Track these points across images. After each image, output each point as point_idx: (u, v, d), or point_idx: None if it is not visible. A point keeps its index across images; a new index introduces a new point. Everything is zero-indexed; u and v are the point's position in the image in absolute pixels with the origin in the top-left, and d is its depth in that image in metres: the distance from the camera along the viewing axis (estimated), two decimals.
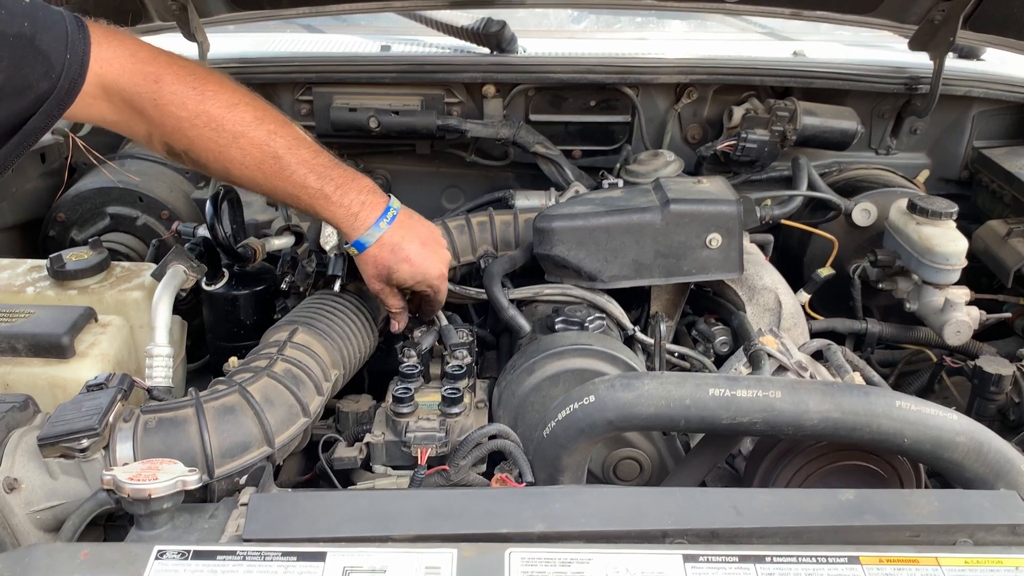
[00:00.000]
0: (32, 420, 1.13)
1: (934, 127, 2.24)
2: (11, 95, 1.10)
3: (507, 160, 2.23)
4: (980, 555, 0.86)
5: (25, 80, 1.11)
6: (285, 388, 1.24)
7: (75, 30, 1.16)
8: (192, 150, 1.27)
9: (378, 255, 1.38)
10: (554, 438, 1.13)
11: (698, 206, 1.56)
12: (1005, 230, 1.94)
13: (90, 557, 0.82)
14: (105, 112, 1.24)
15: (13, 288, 1.64)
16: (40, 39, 1.11)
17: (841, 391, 1.10)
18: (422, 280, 1.42)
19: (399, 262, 1.38)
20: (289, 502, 0.96)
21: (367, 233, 1.36)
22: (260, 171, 1.29)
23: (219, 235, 1.58)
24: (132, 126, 1.27)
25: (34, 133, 1.16)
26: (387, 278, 1.41)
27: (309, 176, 1.31)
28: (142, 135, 1.29)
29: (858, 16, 2.03)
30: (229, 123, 1.26)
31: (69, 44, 1.15)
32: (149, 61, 1.24)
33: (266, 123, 1.29)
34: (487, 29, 2.19)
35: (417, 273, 1.41)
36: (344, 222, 1.35)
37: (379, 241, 1.37)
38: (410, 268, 1.39)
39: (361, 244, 1.37)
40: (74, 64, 1.15)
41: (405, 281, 1.41)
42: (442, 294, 1.48)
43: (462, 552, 0.83)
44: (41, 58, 1.12)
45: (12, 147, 1.16)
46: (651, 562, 0.84)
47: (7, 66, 1.08)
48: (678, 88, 2.19)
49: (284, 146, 1.30)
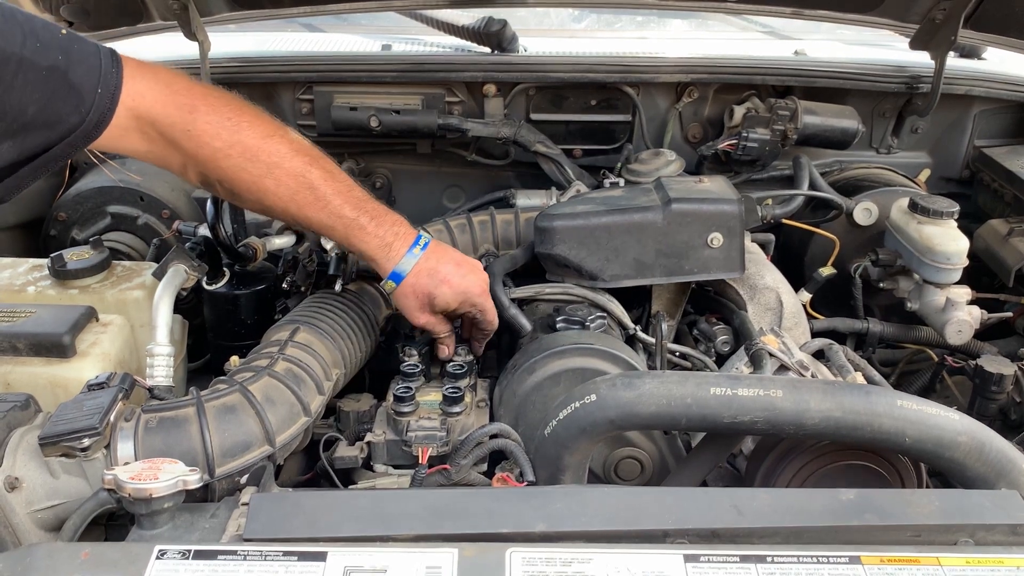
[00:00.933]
0: (33, 419, 1.14)
1: (935, 126, 2.24)
2: (41, 127, 1.11)
3: (508, 159, 2.23)
4: (981, 555, 0.86)
5: (56, 114, 1.11)
6: (286, 387, 1.24)
7: (108, 64, 1.16)
8: (226, 180, 1.28)
9: (416, 283, 1.37)
10: (555, 437, 1.13)
11: (699, 205, 1.56)
12: (1006, 229, 1.94)
13: (91, 557, 0.82)
14: (137, 144, 1.24)
15: (14, 287, 1.64)
16: (73, 73, 1.11)
17: (842, 390, 1.10)
18: (464, 299, 1.40)
19: (438, 284, 1.37)
20: (290, 502, 0.96)
21: (402, 262, 1.36)
22: (294, 202, 1.29)
23: (220, 234, 1.58)
24: (166, 157, 1.27)
25: (54, 161, 1.16)
26: (430, 305, 1.39)
27: (344, 207, 1.32)
28: (176, 166, 1.29)
29: (859, 15, 2.03)
30: (264, 154, 1.27)
31: (101, 79, 1.15)
32: (184, 92, 1.24)
33: (301, 155, 1.30)
34: (488, 28, 2.19)
35: (458, 293, 1.39)
36: (379, 252, 1.35)
37: (415, 269, 1.36)
38: (450, 289, 1.38)
39: (398, 275, 1.36)
40: (104, 99, 1.15)
41: (449, 304, 1.39)
42: (490, 313, 1.45)
43: (463, 552, 0.83)
44: (73, 92, 1.12)
45: (31, 170, 1.16)
46: (652, 562, 0.84)
47: (39, 99, 1.08)
48: (679, 87, 2.19)
49: (319, 177, 1.31)
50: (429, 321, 1.42)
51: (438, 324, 1.44)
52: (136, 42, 2.12)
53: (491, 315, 1.46)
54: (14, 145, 1.10)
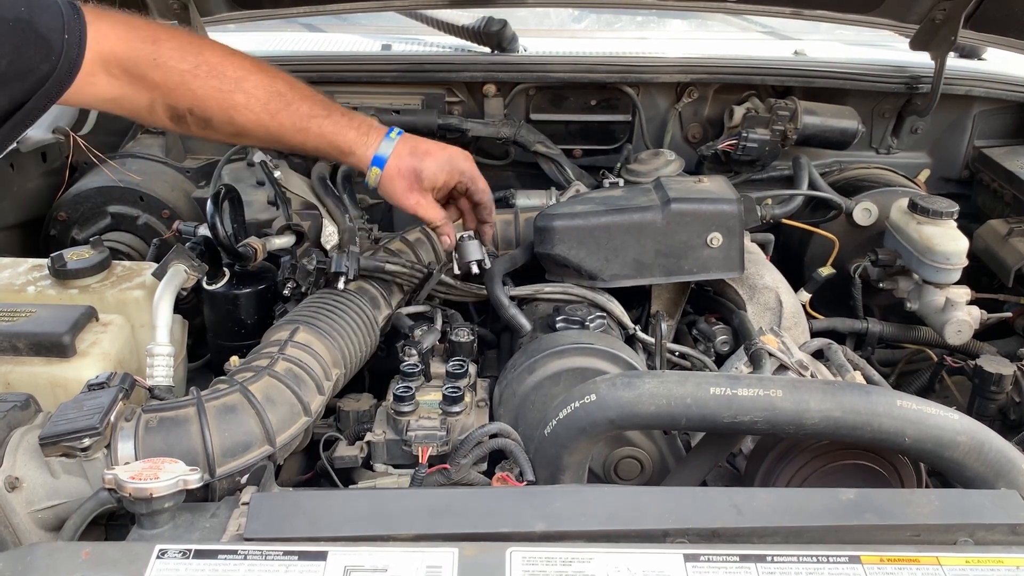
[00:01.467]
0: (33, 419, 1.13)
1: (935, 126, 2.24)
2: (13, 79, 1.11)
3: (508, 159, 2.23)
4: (981, 554, 0.87)
5: (27, 64, 1.12)
6: (286, 387, 1.24)
7: (69, 11, 1.17)
8: (197, 105, 1.29)
9: (400, 163, 1.38)
10: (555, 437, 1.13)
11: (699, 205, 1.56)
12: (1006, 229, 1.94)
13: (91, 556, 0.82)
14: (104, 88, 1.24)
15: (14, 287, 1.64)
16: (38, 22, 1.12)
17: (842, 390, 1.10)
18: (451, 167, 1.42)
19: (422, 158, 1.39)
20: (290, 501, 0.96)
21: (382, 146, 1.38)
22: (266, 111, 1.32)
23: (220, 234, 1.58)
24: (132, 97, 1.27)
25: (32, 114, 1.16)
26: (418, 181, 1.40)
27: (316, 107, 1.35)
28: (143, 104, 1.29)
29: (859, 15, 2.03)
30: (230, 69, 1.29)
31: (66, 25, 1.16)
32: (143, 27, 1.26)
33: (263, 67, 1.34)
34: (488, 28, 2.19)
35: (443, 163, 1.41)
36: (357, 141, 1.37)
37: (396, 150, 1.38)
38: (434, 161, 1.40)
39: (380, 159, 1.38)
40: (72, 44, 1.16)
41: (436, 176, 1.41)
42: (480, 181, 1.46)
43: (463, 551, 0.83)
44: (41, 41, 1.13)
45: (9, 128, 1.16)
46: (652, 561, 0.84)
47: (9, 51, 1.09)
48: (679, 87, 2.19)
49: (286, 84, 1.34)
50: (420, 202, 1.42)
51: (430, 208, 1.43)
52: None
53: (482, 183, 1.47)
54: None
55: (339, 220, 1.77)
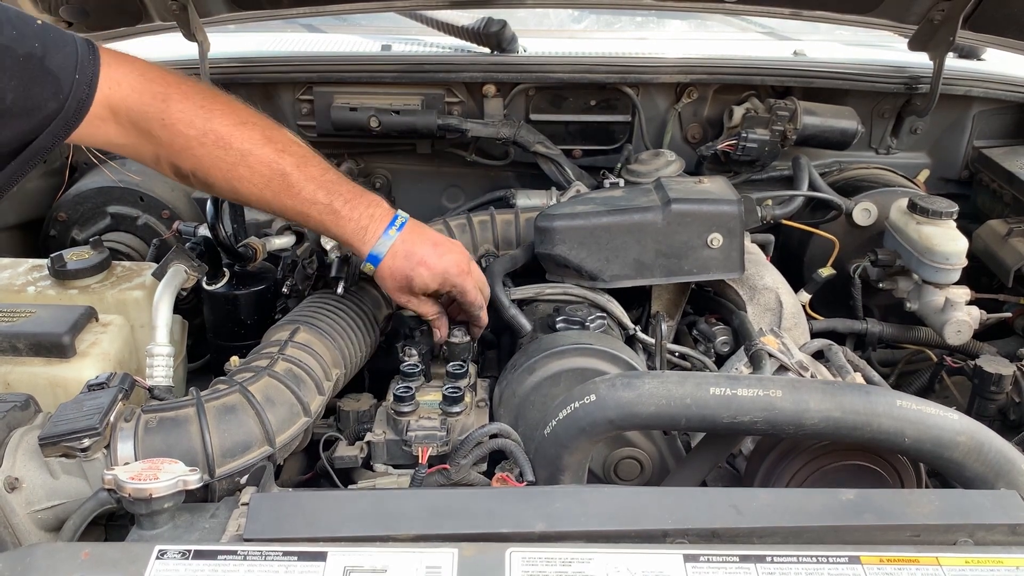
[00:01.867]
0: (33, 419, 1.14)
1: (934, 127, 2.24)
2: (19, 115, 1.10)
3: (507, 160, 2.23)
4: (980, 555, 0.87)
5: (34, 101, 1.11)
6: (286, 387, 1.25)
7: (85, 52, 1.16)
8: (200, 170, 1.27)
9: (393, 265, 1.36)
10: (555, 437, 1.13)
11: (699, 206, 1.56)
12: (1005, 230, 1.94)
13: (91, 557, 0.82)
14: (112, 134, 1.23)
15: (14, 287, 1.64)
16: (50, 60, 1.11)
17: (842, 390, 1.10)
18: (443, 280, 1.40)
19: (415, 267, 1.37)
20: (290, 502, 0.96)
21: (378, 243, 1.35)
22: (269, 189, 1.29)
23: (220, 234, 1.58)
24: (139, 148, 1.26)
25: (38, 153, 1.16)
26: (408, 287, 1.39)
27: (318, 192, 1.31)
28: (149, 157, 1.28)
29: (858, 16, 2.03)
30: (237, 141, 1.26)
31: (79, 65, 1.15)
32: (157, 81, 1.24)
33: (274, 141, 1.29)
34: (487, 29, 2.19)
35: (436, 275, 1.38)
36: (355, 236, 1.35)
37: (391, 251, 1.36)
38: (427, 271, 1.38)
39: (375, 257, 1.36)
40: (83, 85, 1.15)
41: (428, 285, 1.39)
42: (470, 293, 1.43)
43: (463, 552, 0.83)
44: (51, 79, 1.12)
45: (17, 166, 1.16)
46: (652, 562, 0.84)
47: (16, 86, 1.08)
48: (678, 88, 2.19)
49: (292, 164, 1.30)
50: (411, 302, 1.42)
51: (422, 305, 1.43)
52: (135, 42, 2.12)
53: (471, 295, 1.44)
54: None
55: None
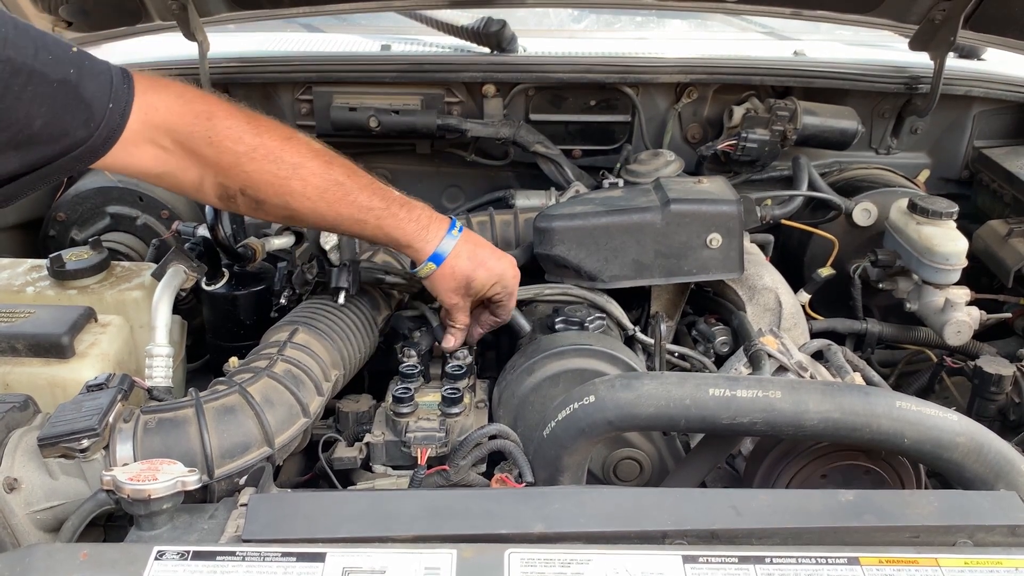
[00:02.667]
0: (32, 420, 1.14)
1: (934, 127, 2.24)
2: (47, 141, 1.08)
3: (507, 160, 2.23)
4: (980, 556, 0.86)
5: (63, 127, 1.09)
6: (285, 388, 1.24)
7: (119, 80, 1.14)
8: (250, 187, 1.25)
9: (456, 264, 1.37)
10: (554, 438, 1.13)
11: (699, 206, 1.56)
12: (1005, 230, 1.93)
13: (90, 557, 0.82)
14: (150, 161, 1.21)
15: (13, 288, 1.64)
16: (84, 88, 1.09)
17: (841, 391, 1.10)
18: (499, 282, 1.41)
19: (477, 267, 1.38)
20: (289, 502, 0.96)
21: (443, 243, 1.36)
22: (323, 200, 1.28)
23: (219, 235, 1.58)
24: (181, 171, 1.23)
25: (57, 173, 1.14)
26: (466, 288, 1.39)
27: (374, 199, 1.31)
28: (192, 180, 1.25)
29: (859, 16, 2.03)
30: (288, 154, 1.25)
31: (113, 94, 1.13)
32: (198, 100, 1.22)
33: (322, 155, 1.30)
34: (487, 28, 2.19)
35: (494, 276, 1.40)
36: (416, 236, 1.35)
37: (455, 251, 1.36)
38: (487, 273, 1.39)
39: (439, 256, 1.36)
40: (115, 114, 1.13)
41: (484, 287, 1.40)
42: (513, 300, 1.47)
43: (462, 553, 0.83)
44: (83, 107, 1.10)
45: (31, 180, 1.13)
46: (651, 563, 0.84)
47: (46, 112, 1.06)
48: (678, 88, 2.19)
49: (344, 173, 1.30)
50: (459, 305, 1.42)
51: (463, 311, 1.43)
52: (135, 42, 2.12)
53: (512, 302, 1.47)
54: (18, 156, 1.08)
55: None
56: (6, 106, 1.03)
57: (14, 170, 1.09)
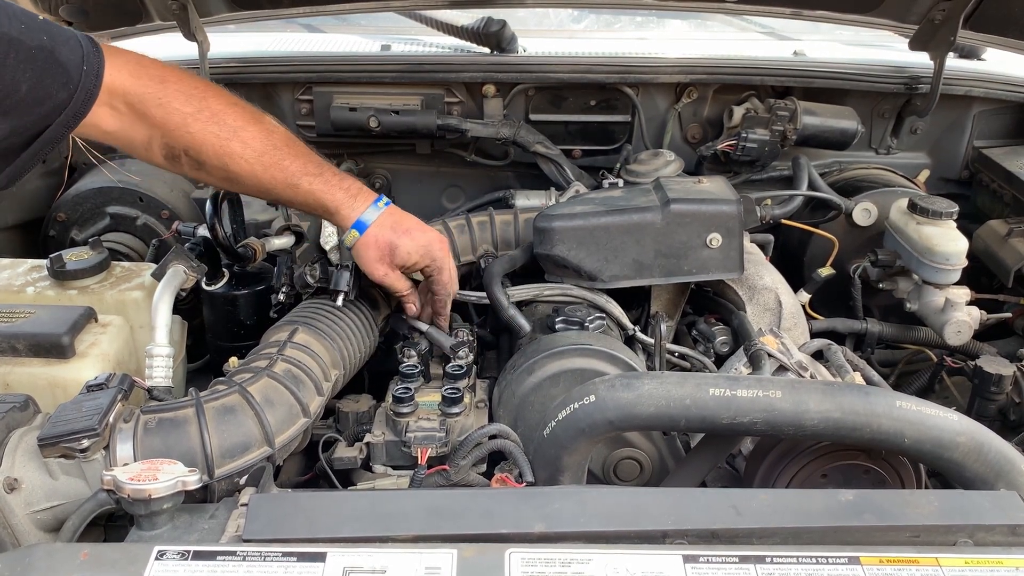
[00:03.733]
0: (32, 420, 1.13)
1: (934, 127, 2.24)
2: (31, 104, 1.14)
3: (507, 160, 2.23)
4: (980, 555, 0.86)
5: (45, 90, 1.15)
6: (285, 388, 1.24)
7: (88, 45, 1.21)
8: (193, 147, 1.31)
9: (379, 234, 1.40)
10: (554, 438, 1.13)
11: (699, 206, 1.56)
12: (1005, 230, 1.94)
13: (90, 557, 0.82)
14: (106, 121, 1.26)
15: (13, 288, 1.64)
16: (59, 52, 1.15)
17: (841, 391, 1.10)
18: (425, 252, 1.44)
19: (400, 235, 1.41)
20: (289, 502, 0.96)
21: (367, 212, 1.40)
22: (260, 162, 1.33)
23: (219, 235, 1.58)
24: (132, 132, 1.29)
25: (50, 143, 1.19)
26: (390, 256, 1.42)
27: (309, 165, 1.37)
28: (141, 140, 1.31)
29: (859, 16, 2.03)
30: (230, 117, 1.31)
31: (85, 57, 1.19)
32: (153, 66, 1.29)
33: (262, 122, 1.36)
34: (487, 29, 2.19)
35: (419, 246, 1.43)
36: (343, 203, 1.39)
37: (379, 220, 1.40)
38: (411, 241, 1.42)
39: (362, 223, 1.40)
40: (90, 75, 1.19)
41: (409, 255, 1.42)
42: (447, 272, 1.48)
43: (462, 552, 0.83)
44: (61, 70, 1.16)
45: (29, 156, 1.19)
46: (651, 562, 0.84)
47: (30, 77, 1.12)
48: (678, 88, 2.19)
49: (281, 140, 1.36)
50: (387, 275, 1.44)
51: (397, 280, 1.46)
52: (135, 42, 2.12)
53: (447, 275, 1.48)
54: (7, 122, 1.13)
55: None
56: None
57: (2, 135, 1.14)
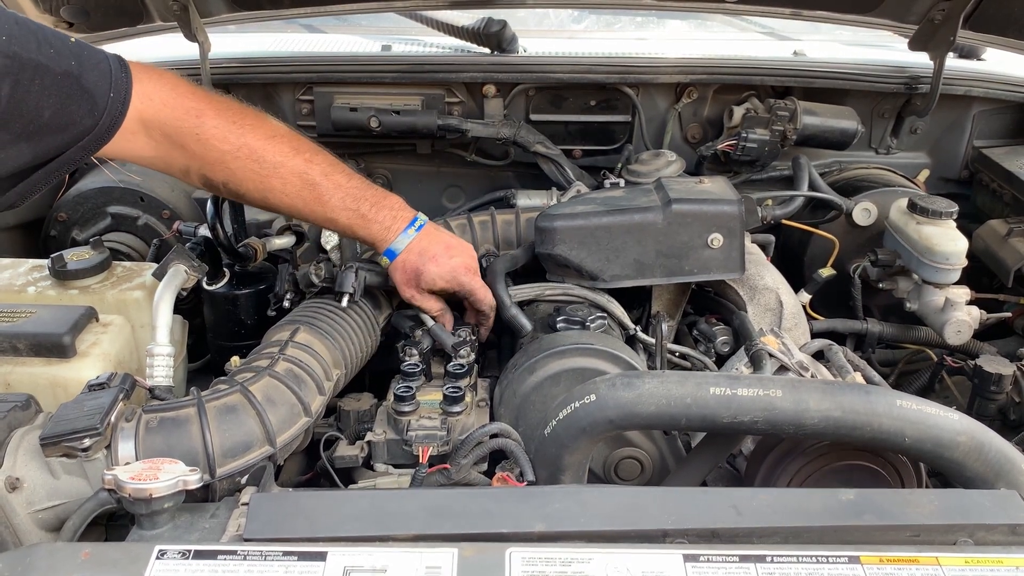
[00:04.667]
0: (34, 420, 1.14)
1: (934, 127, 2.24)
2: (55, 131, 1.14)
3: (508, 160, 2.23)
4: (980, 555, 0.87)
5: (70, 117, 1.15)
6: (287, 387, 1.25)
7: (118, 69, 1.21)
8: (232, 182, 1.34)
9: (406, 260, 1.46)
10: (555, 437, 1.13)
11: (700, 206, 1.56)
12: (1005, 229, 1.94)
13: (91, 557, 0.82)
14: (142, 148, 1.28)
15: (14, 288, 1.64)
16: (86, 78, 1.16)
17: (842, 390, 1.10)
18: (452, 278, 1.47)
19: (426, 262, 1.46)
20: (290, 501, 0.96)
21: (397, 241, 1.45)
22: (300, 198, 1.37)
23: (220, 235, 1.58)
24: (170, 161, 1.32)
25: (68, 164, 1.20)
26: (417, 281, 1.47)
27: (346, 199, 1.41)
28: (179, 168, 1.34)
29: (858, 16, 2.03)
30: (270, 154, 1.34)
31: (113, 83, 1.19)
32: (189, 96, 1.30)
33: (302, 152, 1.38)
34: (487, 29, 2.19)
35: (444, 272, 1.46)
36: (379, 236, 1.45)
37: (407, 247, 1.46)
38: (436, 268, 1.46)
39: (392, 252, 1.46)
40: (116, 103, 1.20)
41: (435, 282, 1.47)
42: (479, 292, 1.51)
43: (463, 552, 0.83)
44: (87, 96, 1.16)
45: (44, 175, 1.19)
46: (651, 562, 0.84)
47: (54, 103, 1.12)
48: (678, 88, 2.19)
49: (320, 173, 1.38)
50: (415, 297, 1.50)
51: (425, 301, 1.51)
52: (136, 43, 2.12)
53: (480, 294, 1.52)
54: (29, 148, 1.13)
55: None
56: (17, 100, 1.08)
57: (26, 162, 1.14)
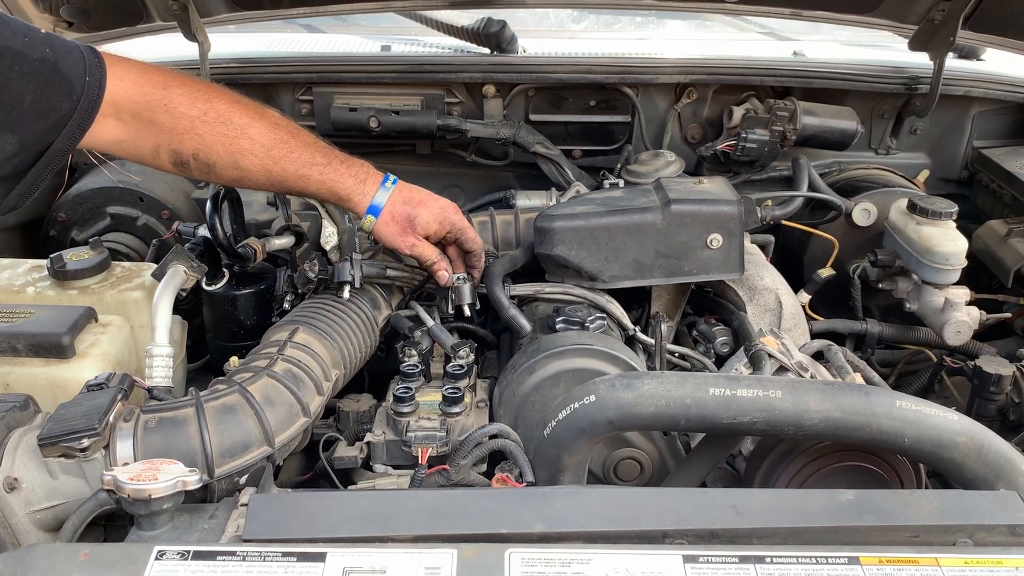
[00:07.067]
0: (32, 420, 1.14)
1: (934, 127, 2.24)
2: (36, 116, 1.16)
3: (507, 160, 2.23)
4: (980, 555, 0.86)
5: (49, 102, 1.17)
6: (285, 388, 1.25)
7: (90, 55, 1.23)
8: (203, 149, 1.33)
9: (394, 210, 1.45)
10: (554, 438, 1.13)
11: (699, 206, 1.56)
12: (1005, 230, 1.94)
13: (90, 557, 0.82)
14: (113, 131, 1.28)
15: (14, 288, 1.64)
16: (62, 63, 1.18)
17: (841, 391, 1.10)
18: (443, 218, 1.48)
19: (416, 207, 1.45)
20: (289, 502, 0.96)
21: (378, 194, 1.44)
22: (270, 156, 1.36)
23: (219, 235, 1.58)
24: (139, 140, 1.32)
25: (58, 155, 1.21)
26: (411, 226, 1.46)
27: (317, 155, 1.41)
28: (148, 147, 1.33)
29: (858, 16, 2.03)
30: (237, 115, 1.34)
31: (88, 68, 1.21)
32: (155, 73, 1.32)
33: (267, 116, 1.39)
34: (487, 29, 2.19)
35: (436, 212, 1.47)
36: (355, 190, 1.43)
37: (391, 199, 1.44)
38: (427, 211, 1.46)
39: (375, 208, 1.44)
40: (93, 86, 1.22)
41: (429, 224, 1.46)
42: (469, 231, 1.52)
43: (462, 552, 0.83)
44: (64, 81, 1.18)
45: (37, 171, 1.21)
46: (651, 562, 0.84)
47: (33, 88, 1.14)
48: (678, 88, 2.19)
49: (289, 132, 1.40)
50: (415, 245, 1.48)
51: (425, 248, 1.49)
52: (136, 43, 2.12)
53: (471, 232, 1.53)
54: (14, 136, 1.15)
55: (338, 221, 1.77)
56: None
57: (12, 152, 1.16)
